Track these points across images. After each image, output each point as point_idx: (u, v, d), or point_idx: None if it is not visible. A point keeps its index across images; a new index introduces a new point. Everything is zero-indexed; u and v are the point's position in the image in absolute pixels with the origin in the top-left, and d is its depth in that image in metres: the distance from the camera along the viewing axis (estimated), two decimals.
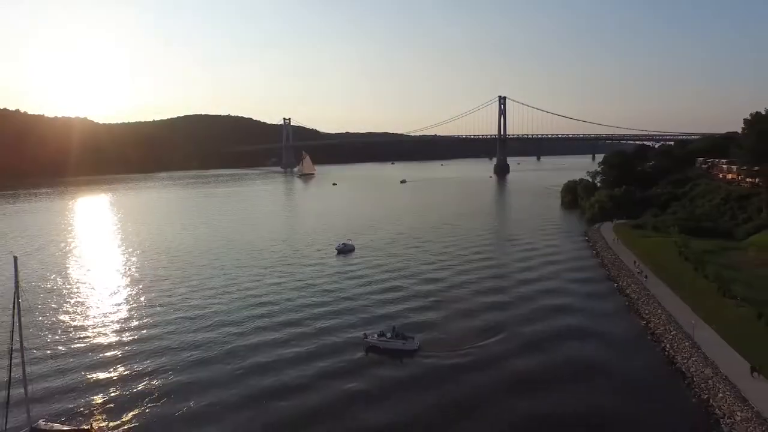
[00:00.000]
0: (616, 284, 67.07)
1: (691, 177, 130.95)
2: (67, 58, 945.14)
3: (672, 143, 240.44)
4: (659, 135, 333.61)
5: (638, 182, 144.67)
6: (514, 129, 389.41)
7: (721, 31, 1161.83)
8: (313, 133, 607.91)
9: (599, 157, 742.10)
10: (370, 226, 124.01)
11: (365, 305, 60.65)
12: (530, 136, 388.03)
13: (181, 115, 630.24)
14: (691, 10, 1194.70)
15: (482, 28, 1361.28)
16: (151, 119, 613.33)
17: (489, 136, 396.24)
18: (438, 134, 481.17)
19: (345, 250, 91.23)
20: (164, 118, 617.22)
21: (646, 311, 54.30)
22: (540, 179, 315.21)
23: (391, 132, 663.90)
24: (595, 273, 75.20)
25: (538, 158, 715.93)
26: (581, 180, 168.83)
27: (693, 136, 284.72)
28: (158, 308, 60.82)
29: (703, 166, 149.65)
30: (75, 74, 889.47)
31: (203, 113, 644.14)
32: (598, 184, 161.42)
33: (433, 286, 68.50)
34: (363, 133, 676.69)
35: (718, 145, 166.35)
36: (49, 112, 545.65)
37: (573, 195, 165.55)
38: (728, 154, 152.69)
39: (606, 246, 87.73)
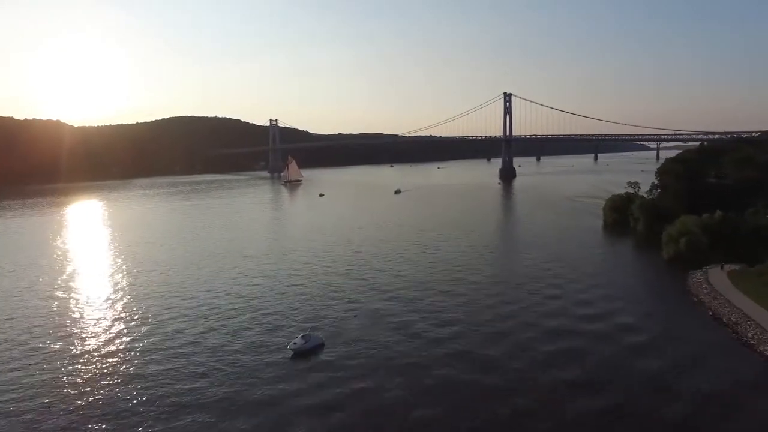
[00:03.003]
0: None
1: None
2: (50, 59, 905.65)
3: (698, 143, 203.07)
4: (666, 135, 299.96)
5: (716, 200, 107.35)
6: (515, 129, 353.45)
7: (723, 31, 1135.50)
8: (304, 135, 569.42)
9: (602, 157, 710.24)
10: (351, 275, 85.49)
11: None
12: (538, 136, 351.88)
13: (168, 117, 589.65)
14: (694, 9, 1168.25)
15: (481, 28, 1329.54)
16: (134, 122, 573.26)
17: (492, 137, 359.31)
18: (435, 135, 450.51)
19: (305, 350, 52.28)
20: (149, 120, 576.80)
21: None
22: (554, 186, 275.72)
23: (385, 133, 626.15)
24: None
25: (538, 159, 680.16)
26: (628, 195, 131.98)
27: (715, 135, 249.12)
28: None
29: None
30: (60, 76, 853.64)
31: (190, 115, 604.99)
32: (649, 196, 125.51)
33: None
34: (356, 134, 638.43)
35: None
36: (32, 115, 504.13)
37: (620, 214, 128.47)
38: None
39: None
